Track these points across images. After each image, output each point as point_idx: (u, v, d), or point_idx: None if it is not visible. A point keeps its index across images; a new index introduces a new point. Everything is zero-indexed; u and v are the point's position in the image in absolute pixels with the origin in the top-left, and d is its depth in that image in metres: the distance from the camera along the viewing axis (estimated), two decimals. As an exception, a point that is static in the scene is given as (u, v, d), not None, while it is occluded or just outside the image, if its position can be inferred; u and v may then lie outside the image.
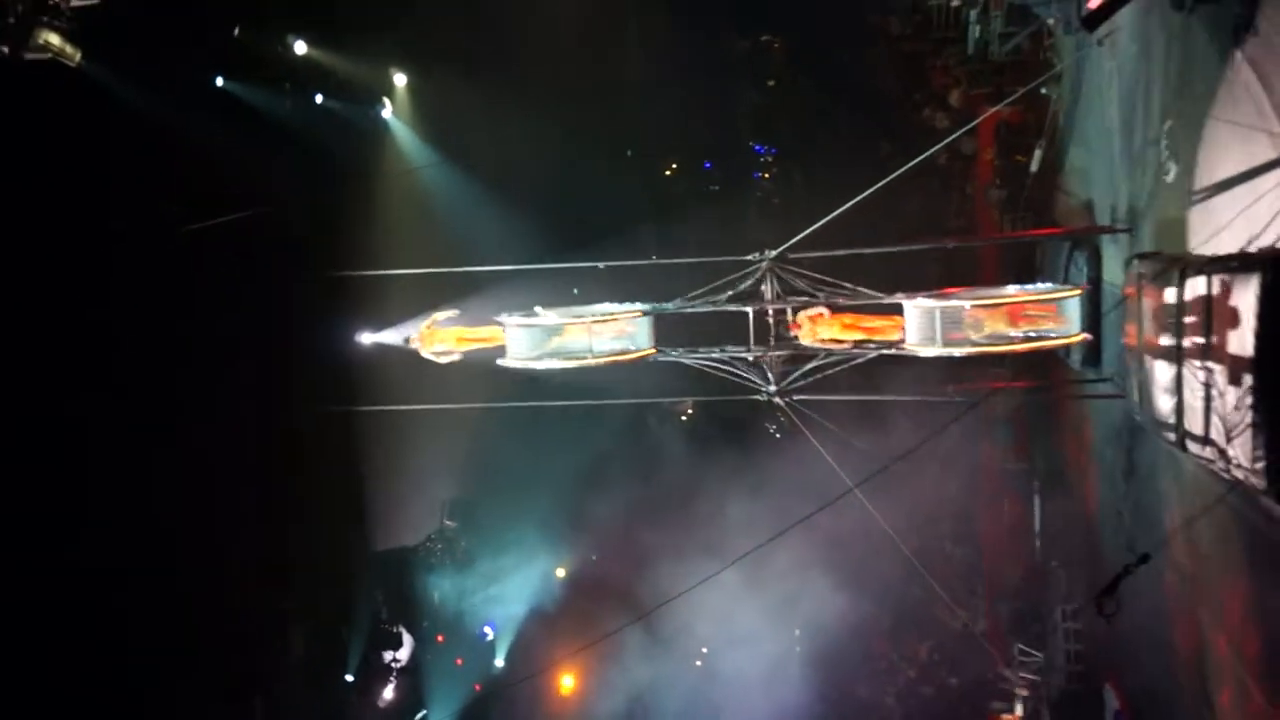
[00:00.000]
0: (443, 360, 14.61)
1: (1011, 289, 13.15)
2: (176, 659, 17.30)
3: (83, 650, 15.45)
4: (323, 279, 17.80)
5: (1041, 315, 12.55)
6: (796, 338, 13.70)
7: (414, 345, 14.63)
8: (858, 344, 13.46)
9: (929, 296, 12.75)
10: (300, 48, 20.09)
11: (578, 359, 13.84)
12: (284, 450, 19.16)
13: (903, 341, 13.07)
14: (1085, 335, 13.03)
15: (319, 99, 20.82)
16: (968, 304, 12.51)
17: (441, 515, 27.20)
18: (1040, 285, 13.56)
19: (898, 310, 13.12)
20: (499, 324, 14.24)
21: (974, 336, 12.63)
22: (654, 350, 14.24)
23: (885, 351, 13.32)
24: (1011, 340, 12.62)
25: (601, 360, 13.88)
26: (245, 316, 18.38)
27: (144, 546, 16.24)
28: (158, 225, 16.48)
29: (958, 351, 12.73)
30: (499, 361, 14.31)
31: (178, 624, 17.11)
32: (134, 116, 15.90)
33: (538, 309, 14.24)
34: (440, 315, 14.66)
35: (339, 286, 18.42)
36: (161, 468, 16.78)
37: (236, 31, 18.54)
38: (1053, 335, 12.68)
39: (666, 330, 14.65)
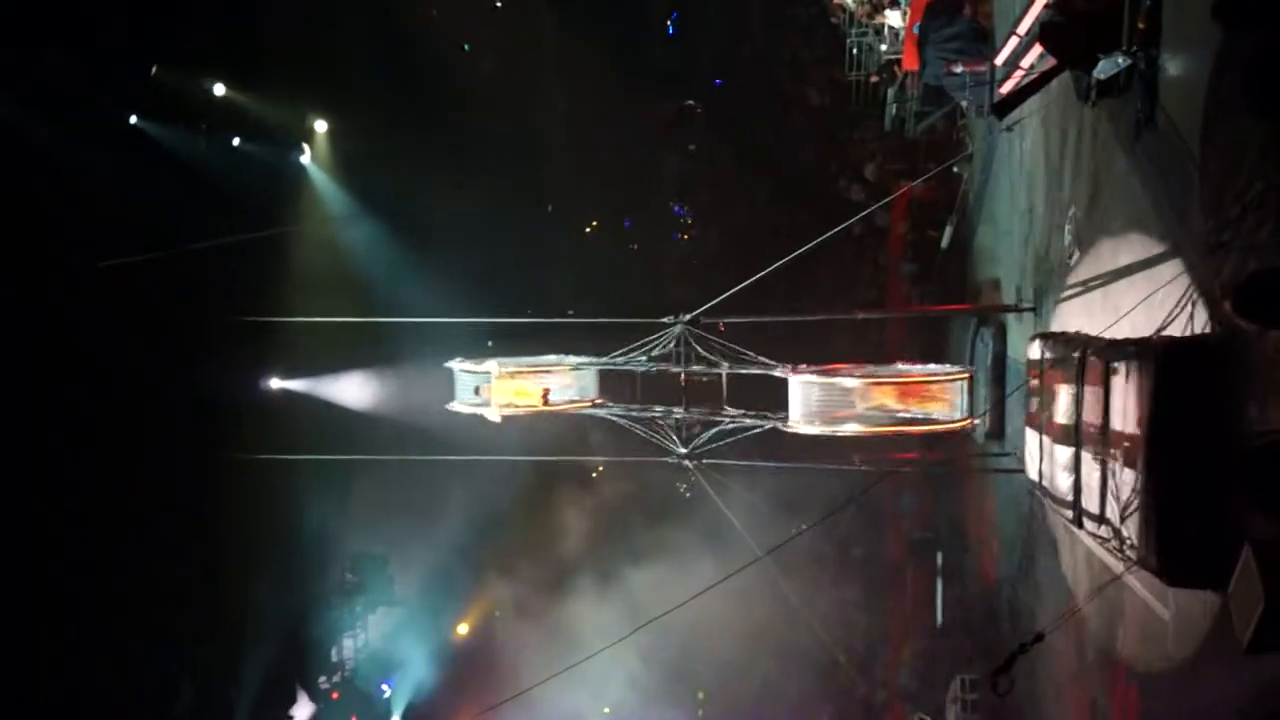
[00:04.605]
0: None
1: (899, 367, 13.15)
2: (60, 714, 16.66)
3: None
4: (234, 323, 17.49)
5: (928, 397, 12.59)
6: None
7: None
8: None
9: (815, 371, 12.77)
10: (219, 89, 19.93)
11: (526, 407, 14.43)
12: (183, 496, 18.64)
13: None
14: (971, 420, 12.89)
15: (236, 141, 20.61)
16: (853, 381, 12.38)
17: (343, 569, 26.60)
18: (929, 367, 13.48)
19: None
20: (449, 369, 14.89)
21: (858, 414, 12.43)
22: (598, 400, 14.83)
23: (779, 426, 13.19)
24: (896, 422, 12.49)
25: (554, 407, 14.56)
26: (153, 358, 17.96)
27: (26, 593, 15.67)
28: (68, 262, 16.13)
29: (840, 430, 12.59)
30: (447, 406, 14.96)
31: (61, 678, 16.47)
32: (43, 153, 15.65)
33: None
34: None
35: (250, 332, 18.12)
36: (53, 505, 16.27)
37: (154, 71, 18.32)
38: (938, 419, 12.59)
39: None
